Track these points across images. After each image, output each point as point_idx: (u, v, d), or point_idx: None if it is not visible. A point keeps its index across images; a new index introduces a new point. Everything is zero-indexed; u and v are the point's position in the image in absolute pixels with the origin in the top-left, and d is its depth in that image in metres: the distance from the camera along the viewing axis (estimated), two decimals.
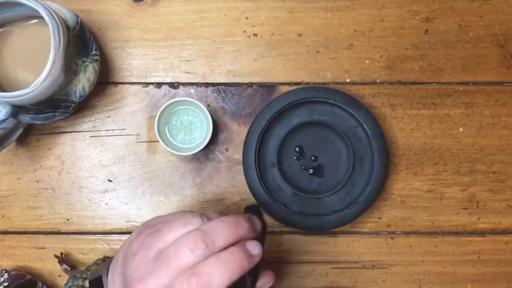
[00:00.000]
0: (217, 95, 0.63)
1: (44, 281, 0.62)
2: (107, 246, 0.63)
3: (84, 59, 0.56)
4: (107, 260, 0.57)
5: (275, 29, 0.63)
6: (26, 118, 0.55)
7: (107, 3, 0.63)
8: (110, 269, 0.46)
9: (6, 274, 0.59)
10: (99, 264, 0.59)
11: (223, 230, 0.38)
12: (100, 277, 0.47)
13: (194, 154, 0.62)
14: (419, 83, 0.64)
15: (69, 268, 0.60)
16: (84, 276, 0.52)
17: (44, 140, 0.63)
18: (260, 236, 0.42)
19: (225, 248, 0.38)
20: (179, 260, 0.36)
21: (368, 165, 0.61)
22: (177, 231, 0.39)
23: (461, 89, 0.64)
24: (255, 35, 0.64)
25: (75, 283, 0.51)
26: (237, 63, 0.63)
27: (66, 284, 0.54)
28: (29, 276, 0.61)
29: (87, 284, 0.49)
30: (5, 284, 0.58)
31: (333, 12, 0.64)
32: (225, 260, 0.36)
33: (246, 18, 0.64)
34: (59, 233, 0.63)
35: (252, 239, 0.39)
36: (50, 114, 0.56)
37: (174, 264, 0.36)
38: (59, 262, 0.60)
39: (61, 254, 0.61)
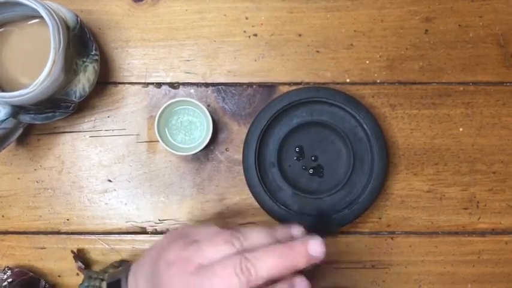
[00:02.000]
0: (217, 95, 0.63)
1: (45, 281, 0.62)
2: (107, 246, 0.63)
3: (84, 59, 0.56)
4: (124, 264, 0.56)
5: (275, 29, 0.64)
6: (26, 118, 0.55)
7: (107, 3, 0.63)
8: (132, 272, 0.45)
9: (9, 271, 0.60)
10: (116, 266, 0.58)
11: (269, 260, 0.37)
12: (119, 280, 0.46)
13: (194, 154, 0.62)
14: (419, 83, 0.64)
15: (83, 266, 0.59)
16: (101, 277, 0.52)
17: (44, 140, 0.63)
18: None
19: (268, 278, 0.37)
20: (225, 281, 0.36)
21: (368, 165, 0.61)
22: (218, 249, 0.38)
23: (461, 89, 0.64)
24: (255, 35, 0.64)
25: (92, 283, 0.51)
26: (237, 63, 0.63)
27: (81, 284, 0.54)
28: (31, 273, 0.61)
29: (104, 285, 0.48)
30: (9, 280, 0.58)
31: (333, 12, 0.64)
32: None
33: (246, 18, 0.64)
34: (59, 233, 0.63)
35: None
36: (50, 114, 0.57)
37: (219, 283, 0.36)
38: (74, 258, 0.60)
39: (77, 250, 0.62)
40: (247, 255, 0.37)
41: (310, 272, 0.40)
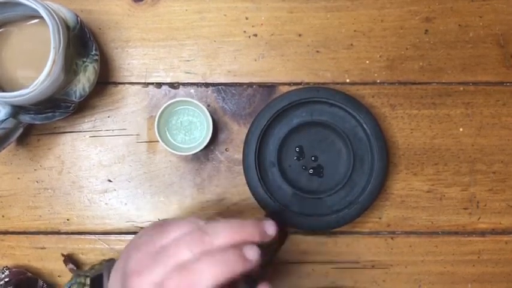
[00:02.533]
0: (217, 95, 0.63)
1: (44, 281, 0.62)
2: (106, 246, 0.63)
3: (84, 59, 0.56)
4: (111, 261, 0.57)
5: (275, 29, 0.64)
6: (26, 118, 0.55)
7: (107, 3, 0.63)
8: (114, 266, 0.46)
9: (7, 271, 0.60)
10: (103, 264, 0.59)
11: (224, 231, 0.38)
12: (101, 275, 0.47)
13: (194, 154, 0.62)
14: (419, 83, 0.64)
15: (74, 267, 0.60)
16: (88, 274, 0.53)
17: (44, 140, 0.63)
18: (272, 244, 0.41)
19: (223, 246, 0.38)
20: (176, 257, 0.37)
21: (368, 165, 0.61)
22: (181, 230, 0.39)
23: (461, 89, 0.64)
24: (255, 35, 0.64)
25: (78, 280, 0.52)
26: (237, 63, 0.63)
27: (69, 281, 0.54)
28: (30, 273, 0.61)
29: (88, 281, 0.49)
30: (6, 279, 0.58)
31: (333, 13, 0.64)
32: (217, 259, 0.36)
33: (246, 18, 0.64)
34: (59, 233, 0.63)
35: (262, 245, 0.39)
36: (50, 114, 0.56)
37: (171, 260, 0.37)
38: (64, 261, 0.60)
39: (67, 254, 0.62)
40: (203, 227, 0.38)
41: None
